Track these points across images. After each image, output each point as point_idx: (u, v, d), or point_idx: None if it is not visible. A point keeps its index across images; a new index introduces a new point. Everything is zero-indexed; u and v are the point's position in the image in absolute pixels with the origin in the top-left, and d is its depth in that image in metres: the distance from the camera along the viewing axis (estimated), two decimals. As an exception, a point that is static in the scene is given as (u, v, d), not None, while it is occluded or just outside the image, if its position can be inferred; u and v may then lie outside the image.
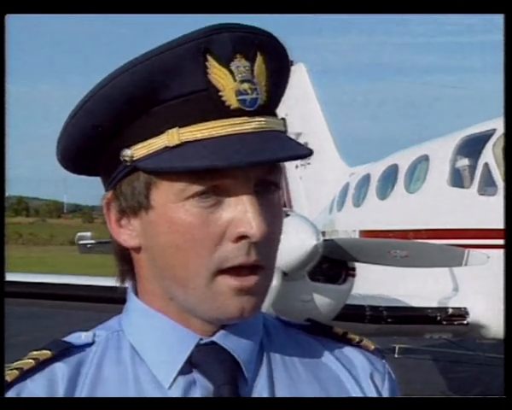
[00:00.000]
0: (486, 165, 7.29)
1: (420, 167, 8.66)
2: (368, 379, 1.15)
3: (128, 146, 1.03)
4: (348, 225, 10.13)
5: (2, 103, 1.21)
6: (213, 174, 0.99)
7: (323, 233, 7.70)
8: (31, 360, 1.06)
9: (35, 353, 1.08)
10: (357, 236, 9.54)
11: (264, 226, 1.00)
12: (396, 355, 10.91)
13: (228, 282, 1.02)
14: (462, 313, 7.26)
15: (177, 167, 0.99)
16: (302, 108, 13.65)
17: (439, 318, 7.24)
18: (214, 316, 1.05)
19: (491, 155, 7.26)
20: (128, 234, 1.07)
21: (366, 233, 9.32)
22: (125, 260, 1.11)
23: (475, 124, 7.99)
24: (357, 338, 1.19)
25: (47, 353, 1.07)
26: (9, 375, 1.05)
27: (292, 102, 13.43)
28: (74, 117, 1.04)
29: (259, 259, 1.02)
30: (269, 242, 1.03)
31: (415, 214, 8.28)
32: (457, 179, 7.82)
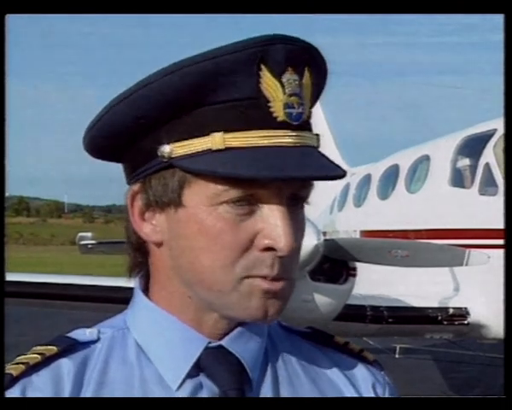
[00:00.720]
0: (487, 165, 7.29)
1: (421, 167, 8.67)
2: (370, 389, 1.15)
3: (167, 142, 1.02)
4: (349, 225, 10.14)
5: (3, 103, 1.21)
6: (250, 183, 1.00)
7: (324, 233, 7.70)
8: (37, 355, 1.06)
9: (40, 348, 1.08)
10: (357, 236, 9.54)
11: (292, 242, 1.01)
12: (397, 355, 10.91)
13: (257, 283, 1.02)
14: (462, 313, 7.26)
15: (220, 172, 1.00)
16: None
17: (439, 318, 7.24)
18: (238, 315, 1.05)
19: (491, 155, 7.26)
20: (151, 228, 1.07)
21: (367, 233, 9.33)
22: (141, 253, 1.11)
23: (476, 124, 7.99)
24: (357, 349, 1.19)
25: (52, 348, 1.07)
26: (15, 369, 1.05)
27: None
28: (117, 105, 1.04)
29: (282, 272, 1.03)
30: (292, 255, 1.04)
31: (415, 214, 8.28)
32: (458, 179, 7.83)
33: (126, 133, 1.05)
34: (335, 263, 6.04)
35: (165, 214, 1.05)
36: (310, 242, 5.61)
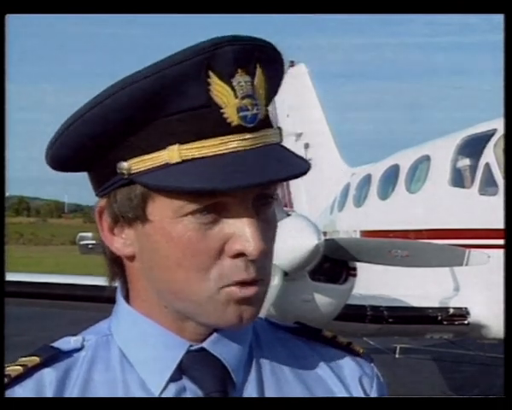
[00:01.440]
0: (487, 165, 7.29)
1: (421, 167, 8.66)
2: (356, 383, 1.15)
3: (125, 159, 1.01)
4: (349, 225, 10.13)
5: (3, 103, 1.21)
6: (213, 193, 0.99)
7: (324, 233, 7.69)
8: (19, 367, 1.06)
9: (23, 359, 1.07)
10: (358, 236, 9.54)
11: (262, 244, 1.00)
12: (397, 355, 10.90)
13: (230, 292, 1.02)
14: (462, 313, 7.26)
15: (178, 187, 0.98)
16: (303, 109, 13.65)
17: (439, 318, 7.24)
18: (213, 323, 1.05)
19: (492, 155, 7.26)
20: (121, 242, 1.06)
21: (367, 233, 9.32)
22: (116, 264, 1.11)
23: (476, 124, 7.99)
24: (345, 342, 1.19)
25: (35, 359, 1.06)
26: None
27: (293, 102, 13.44)
28: (71, 126, 1.03)
29: (258, 274, 1.02)
30: (265, 256, 1.03)
31: (416, 214, 8.28)
32: (458, 179, 7.82)
33: (85, 152, 1.04)
34: (335, 263, 6.03)
35: (134, 229, 1.05)
36: (310, 242, 5.61)
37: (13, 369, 1.06)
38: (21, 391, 1.04)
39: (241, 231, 1.00)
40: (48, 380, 1.05)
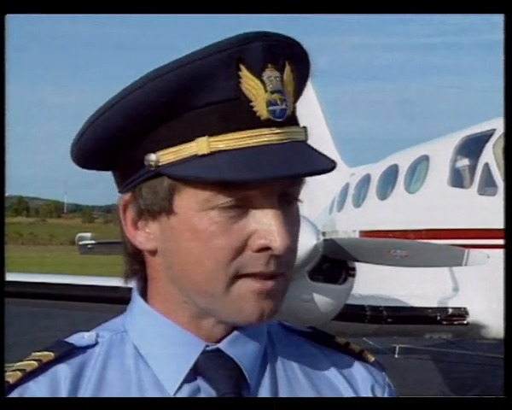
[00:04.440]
0: (486, 165, 7.29)
1: (420, 167, 8.67)
2: (368, 391, 1.15)
3: (153, 151, 1.02)
4: (348, 225, 10.13)
5: (3, 103, 1.21)
6: (240, 186, 0.99)
7: (323, 233, 7.70)
8: (33, 362, 1.06)
9: (37, 354, 1.07)
10: (357, 236, 9.54)
11: (287, 240, 1.01)
12: (396, 355, 10.91)
13: (248, 285, 1.02)
14: (462, 313, 7.26)
15: (207, 178, 0.99)
16: (302, 109, 13.62)
17: (439, 318, 7.24)
18: (232, 319, 1.05)
19: (491, 155, 7.26)
20: (145, 237, 1.06)
21: (366, 233, 9.33)
22: (137, 261, 1.10)
23: (475, 124, 7.99)
24: (358, 349, 1.19)
25: (49, 354, 1.06)
26: (12, 376, 1.05)
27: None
28: (99, 118, 1.03)
29: (278, 269, 1.03)
30: (290, 252, 1.03)
31: (415, 214, 8.28)
32: (457, 179, 7.83)
33: (112, 145, 1.04)
34: (335, 263, 6.03)
35: (158, 222, 1.05)
36: (309, 242, 5.61)
37: (27, 364, 1.06)
38: (35, 387, 1.04)
39: (266, 225, 1.01)
40: (62, 376, 1.05)
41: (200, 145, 0.99)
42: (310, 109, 13.96)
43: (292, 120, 1.04)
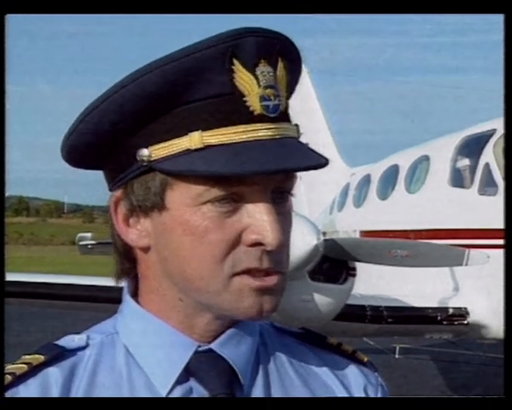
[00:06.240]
0: (487, 165, 7.30)
1: (420, 168, 8.67)
2: (361, 391, 1.14)
3: (145, 146, 1.01)
4: (349, 225, 10.13)
5: (3, 103, 1.21)
6: (233, 180, 0.99)
7: (324, 233, 7.70)
8: (23, 365, 1.05)
9: (27, 357, 1.06)
10: (357, 236, 9.54)
11: (280, 235, 1.00)
12: (397, 355, 10.91)
13: (247, 282, 1.01)
14: (462, 313, 7.26)
15: (200, 171, 0.99)
16: (303, 109, 13.65)
17: (439, 318, 7.24)
18: (231, 314, 1.04)
19: (491, 155, 7.27)
20: (136, 234, 1.06)
21: (367, 233, 9.32)
22: (128, 259, 1.10)
23: (476, 124, 8.00)
24: (350, 350, 1.18)
25: (40, 357, 1.05)
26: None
27: (292, 102, 13.40)
28: (92, 112, 1.03)
29: (271, 265, 1.02)
30: (282, 248, 1.03)
31: (415, 214, 8.28)
32: (458, 179, 7.83)
33: (104, 139, 1.04)
34: (335, 263, 6.03)
35: (150, 219, 1.04)
36: (309, 242, 5.61)
37: (17, 367, 1.05)
38: (25, 390, 1.03)
39: (259, 220, 1.00)
40: (53, 379, 1.04)
41: (193, 140, 0.99)
42: (310, 109, 13.96)
43: (284, 117, 1.03)
